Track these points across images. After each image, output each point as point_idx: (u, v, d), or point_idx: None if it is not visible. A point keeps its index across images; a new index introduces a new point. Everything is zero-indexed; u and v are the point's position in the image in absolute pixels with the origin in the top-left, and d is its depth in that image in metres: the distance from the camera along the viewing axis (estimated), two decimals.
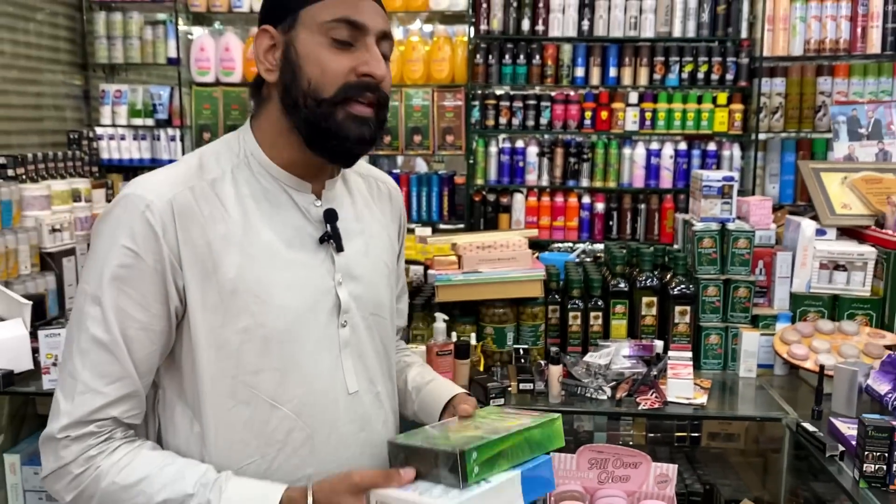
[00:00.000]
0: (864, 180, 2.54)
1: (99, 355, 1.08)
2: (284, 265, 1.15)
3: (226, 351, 1.12)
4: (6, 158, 3.17)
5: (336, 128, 1.13)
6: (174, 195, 1.10)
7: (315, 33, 1.12)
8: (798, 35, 3.52)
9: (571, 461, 1.99)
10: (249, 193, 1.16)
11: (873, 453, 1.59)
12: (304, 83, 1.12)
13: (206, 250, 1.11)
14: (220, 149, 1.19)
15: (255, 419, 1.14)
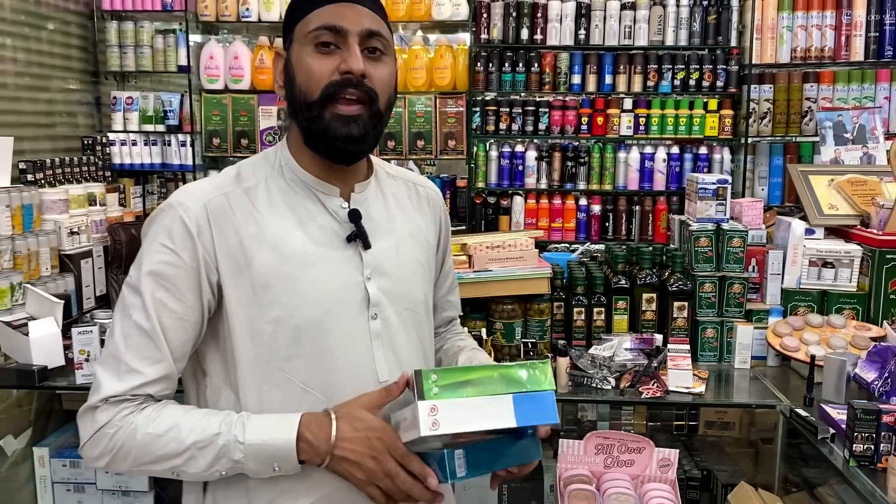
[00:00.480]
0: (850, 182, 2.69)
1: (140, 340, 1.19)
2: (313, 261, 1.25)
3: (260, 339, 1.22)
4: (26, 164, 3.27)
5: (325, 128, 1.22)
6: (208, 200, 1.23)
7: (303, 44, 1.23)
8: (785, 43, 3.67)
9: (579, 447, 2.12)
10: (282, 198, 1.27)
11: (862, 434, 1.73)
12: (297, 91, 1.24)
13: (239, 249, 1.22)
14: (258, 161, 1.33)
15: (289, 402, 1.23)
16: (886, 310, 2.41)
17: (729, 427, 2.66)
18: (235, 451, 1.16)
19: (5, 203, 2.93)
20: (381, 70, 1.25)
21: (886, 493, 1.59)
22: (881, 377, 2.01)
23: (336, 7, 1.22)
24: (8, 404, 2.53)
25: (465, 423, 1.13)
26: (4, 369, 2.28)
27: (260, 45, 3.83)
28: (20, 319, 2.41)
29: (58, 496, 2.56)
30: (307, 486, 1.23)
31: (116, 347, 1.19)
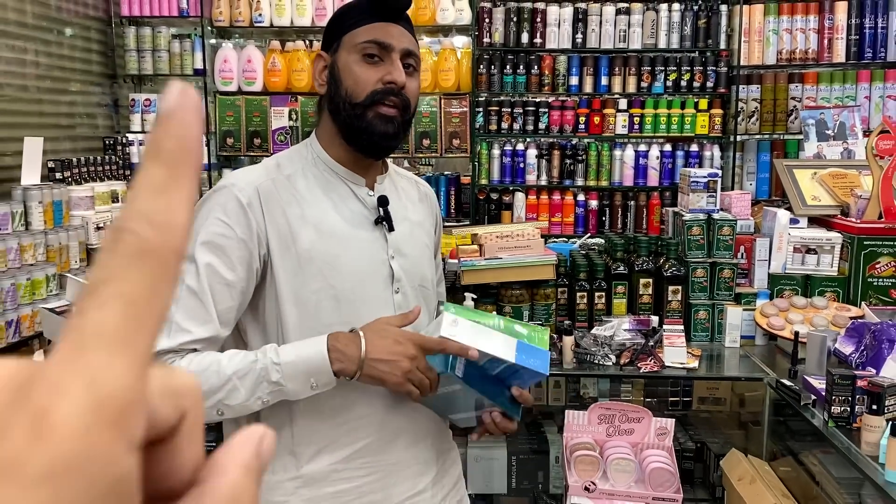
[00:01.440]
0: (831, 175, 2.89)
1: (190, 301, 1.28)
2: (348, 240, 1.39)
3: (306, 308, 1.35)
4: (54, 163, 3.44)
5: (366, 125, 1.37)
6: (260, 183, 1.35)
7: (351, 52, 1.38)
8: (771, 46, 3.88)
9: (584, 417, 2.31)
10: (318, 185, 1.42)
11: (839, 398, 1.92)
12: (343, 92, 1.38)
13: (286, 227, 1.34)
14: (293, 154, 1.46)
15: None
16: (865, 292, 2.61)
17: (721, 402, 2.86)
18: (273, 372, 1.24)
19: (38, 199, 3.11)
20: (413, 84, 1.43)
21: (860, 447, 1.79)
22: (857, 350, 2.21)
23: (384, 25, 1.38)
24: None
25: (476, 342, 1.33)
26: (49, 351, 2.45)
27: (272, 48, 4.01)
28: (61, 306, 2.58)
29: None
30: (349, 437, 1.39)
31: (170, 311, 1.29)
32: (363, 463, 1.39)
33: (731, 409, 2.88)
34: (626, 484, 2.21)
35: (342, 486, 1.38)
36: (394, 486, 1.42)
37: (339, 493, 1.38)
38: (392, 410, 1.41)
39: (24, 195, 3.09)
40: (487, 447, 2.68)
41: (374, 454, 1.40)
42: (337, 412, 1.37)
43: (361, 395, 1.38)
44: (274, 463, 1.37)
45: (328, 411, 1.37)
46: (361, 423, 1.38)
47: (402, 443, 1.43)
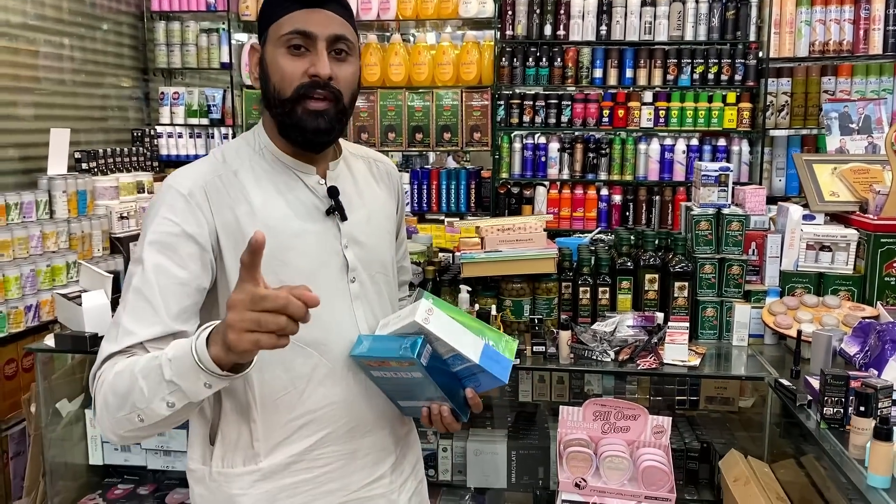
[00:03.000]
0: (852, 170, 2.78)
1: (137, 303, 1.24)
2: (298, 233, 1.37)
3: None
4: (81, 153, 3.55)
5: (297, 121, 1.32)
6: (206, 182, 1.32)
7: (276, 45, 1.32)
8: (803, 37, 3.75)
9: (578, 413, 2.27)
10: (266, 178, 1.37)
11: (832, 398, 1.86)
12: (271, 87, 1.33)
13: (235, 225, 1.32)
14: (240, 144, 1.42)
15: (286, 358, 1.34)
16: (881, 291, 2.51)
17: (729, 402, 2.78)
18: (166, 369, 1.14)
19: (62, 189, 3.21)
20: (345, 70, 1.36)
21: (849, 450, 1.72)
22: (862, 351, 2.13)
23: (307, 12, 1.32)
24: (63, 372, 2.78)
25: (446, 335, 1.34)
26: (61, 335, 2.53)
27: None
28: (74, 292, 2.66)
29: (107, 454, 2.81)
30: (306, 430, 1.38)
31: (119, 316, 1.26)
32: (320, 454, 1.40)
33: (739, 407, 2.81)
34: (618, 482, 2.18)
35: (301, 476, 1.38)
36: (352, 475, 1.43)
37: (298, 484, 1.38)
38: (349, 402, 1.41)
39: (49, 184, 3.20)
40: (487, 442, 2.66)
41: (331, 444, 1.41)
42: (293, 406, 1.37)
43: (317, 388, 1.38)
44: (233, 457, 1.38)
45: (284, 406, 1.36)
46: (317, 416, 1.38)
47: (359, 432, 1.43)
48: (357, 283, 1.44)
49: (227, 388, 1.34)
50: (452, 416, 1.43)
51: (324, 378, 1.38)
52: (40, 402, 2.61)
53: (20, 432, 2.97)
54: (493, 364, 1.37)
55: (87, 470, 2.87)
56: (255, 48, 1.40)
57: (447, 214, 4.15)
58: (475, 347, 1.36)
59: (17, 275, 2.89)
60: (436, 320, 1.35)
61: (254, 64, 1.40)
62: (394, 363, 1.33)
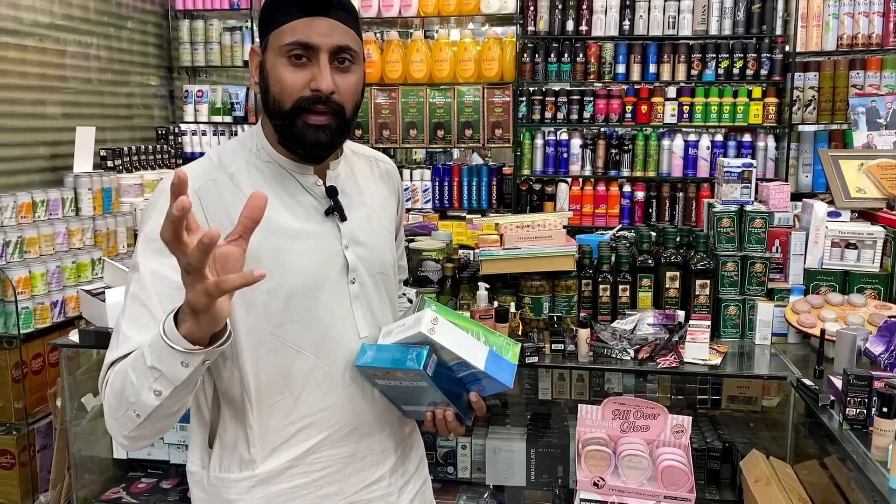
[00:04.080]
0: (880, 166, 2.73)
1: (135, 310, 1.23)
2: (297, 235, 1.34)
3: (255, 309, 1.30)
4: (106, 151, 3.59)
5: (297, 135, 1.30)
6: (199, 186, 1.29)
7: (277, 54, 1.28)
8: (831, 31, 3.69)
9: (597, 412, 2.26)
10: (263, 180, 1.34)
11: (854, 399, 1.83)
12: (271, 98, 1.30)
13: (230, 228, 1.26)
14: (237, 146, 1.38)
15: (283, 362, 1.33)
16: None
17: (752, 402, 2.75)
18: (147, 356, 1.12)
19: (87, 186, 3.25)
20: (348, 80, 1.33)
21: (871, 451, 1.69)
22: (888, 350, 2.09)
23: (308, 21, 1.28)
24: (88, 367, 2.82)
25: (451, 344, 1.34)
26: (85, 331, 2.57)
27: None
28: (98, 288, 2.69)
29: None
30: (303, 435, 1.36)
31: (118, 322, 1.25)
32: (317, 458, 1.38)
33: (763, 407, 2.77)
34: (637, 481, 2.16)
35: (298, 481, 1.37)
36: (349, 478, 1.42)
37: (295, 489, 1.37)
38: (347, 404, 1.40)
39: (74, 182, 3.25)
40: (506, 439, 2.66)
41: (328, 448, 1.39)
42: (290, 410, 1.36)
43: (314, 392, 1.37)
44: (230, 462, 1.37)
45: (280, 410, 1.35)
46: (314, 420, 1.37)
47: (356, 435, 1.42)
48: (357, 283, 1.42)
49: (225, 392, 1.34)
50: (456, 419, 1.42)
51: (321, 381, 1.37)
52: (66, 397, 2.65)
53: (47, 426, 3.02)
54: (498, 370, 1.37)
55: (112, 464, 2.92)
56: (256, 51, 1.36)
57: (469, 211, 4.14)
58: (480, 354, 1.36)
59: (42, 271, 2.94)
60: (441, 330, 1.35)
61: (254, 67, 1.37)
62: (399, 373, 1.33)
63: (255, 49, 1.37)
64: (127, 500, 2.80)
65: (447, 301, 2.62)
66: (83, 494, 2.75)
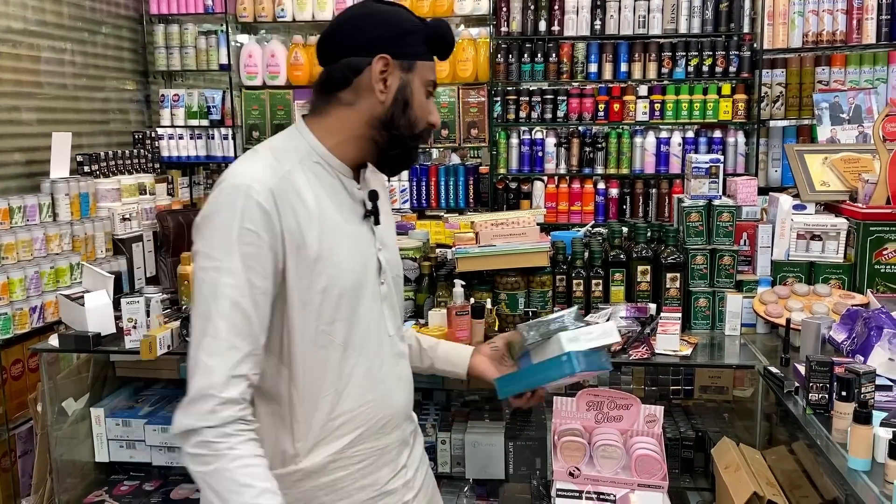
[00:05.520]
0: (843, 160, 2.81)
1: (237, 318, 1.27)
2: (346, 236, 1.40)
3: (310, 308, 1.35)
4: (82, 157, 3.60)
5: (410, 153, 1.47)
6: (273, 184, 1.31)
7: (420, 84, 1.42)
8: (797, 28, 3.77)
9: (572, 403, 2.31)
10: (316, 181, 1.39)
11: (817, 385, 1.89)
12: (409, 118, 1.41)
13: (296, 228, 1.32)
14: (286, 144, 1.41)
15: (331, 359, 1.39)
16: (871, 279, 2.53)
17: (723, 392, 2.81)
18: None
19: (64, 192, 3.26)
20: None
21: (832, 434, 1.76)
22: (850, 338, 2.16)
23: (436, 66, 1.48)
24: (69, 371, 2.83)
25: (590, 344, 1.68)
26: (64, 335, 2.58)
27: (295, 43, 4.09)
28: (77, 293, 2.71)
29: (112, 451, 2.86)
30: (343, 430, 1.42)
31: (216, 329, 1.27)
32: (356, 451, 1.44)
33: (734, 396, 2.84)
34: (612, 470, 2.21)
35: (338, 474, 1.43)
36: (381, 469, 1.49)
37: (334, 482, 1.43)
38: (382, 400, 1.47)
39: (51, 187, 3.25)
40: (485, 433, 2.70)
41: (365, 442, 1.46)
42: (333, 407, 1.41)
43: (355, 388, 1.43)
44: (272, 458, 1.38)
45: (325, 407, 1.41)
46: (355, 415, 1.44)
47: (388, 428, 1.49)
48: (385, 285, 1.50)
49: (266, 390, 1.39)
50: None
51: (362, 378, 1.44)
52: (46, 402, 2.66)
53: (27, 431, 3.02)
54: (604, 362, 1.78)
55: (94, 467, 2.93)
56: (392, 64, 1.39)
57: (447, 210, 4.18)
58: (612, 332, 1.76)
59: (21, 277, 2.95)
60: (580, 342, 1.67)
61: (378, 72, 1.39)
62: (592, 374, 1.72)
63: (388, 60, 1.39)
64: (109, 502, 2.81)
65: (424, 299, 2.66)
66: (65, 498, 2.76)
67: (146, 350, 2.43)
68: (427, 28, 1.42)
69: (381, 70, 1.38)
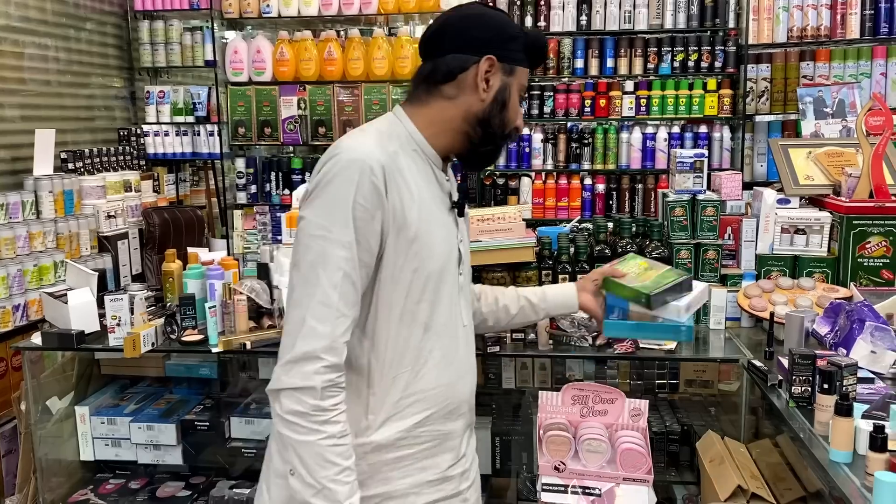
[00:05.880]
0: (827, 154, 2.82)
1: (347, 287, 1.35)
2: (438, 221, 1.48)
3: (401, 286, 1.43)
4: (67, 154, 3.57)
5: (497, 151, 1.56)
6: (384, 161, 1.38)
7: (516, 88, 1.51)
8: (781, 23, 3.78)
9: (557, 398, 2.32)
10: (415, 167, 1.47)
11: (799, 377, 1.90)
12: (503, 118, 1.50)
13: (399, 207, 1.40)
14: (387, 127, 1.48)
15: (412, 338, 1.46)
16: (855, 272, 2.55)
17: (709, 385, 2.83)
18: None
19: (48, 189, 3.24)
20: None
21: (815, 427, 1.77)
22: (832, 330, 2.17)
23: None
24: (53, 370, 2.81)
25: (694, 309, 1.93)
26: (48, 333, 2.57)
27: (280, 39, 4.07)
28: (61, 290, 2.69)
29: (97, 449, 2.85)
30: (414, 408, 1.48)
31: (328, 297, 1.34)
32: (423, 431, 1.49)
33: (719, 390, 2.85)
34: (597, 464, 2.22)
35: (404, 452, 1.48)
36: (442, 454, 1.54)
37: (400, 459, 1.48)
38: (452, 386, 1.52)
39: (35, 185, 3.23)
40: None
41: (431, 424, 1.50)
42: (408, 385, 1.47)
43: (432, 370, 1.49)
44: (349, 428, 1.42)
45: (401, 383, 1.46)
46: (426, 396, 1.49)
47: (454, 415, 1.55)
48: (462, 275, 1.57)
49: (348, 362, 1.42)
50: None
51: (438, 361, 1.49)
52: (30, 401, 2.65)
53: (11, 430, 3.00)
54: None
55: (80, 466, 2.91)
56: (494, 63, 1.47)
57: None
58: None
59: (3, 275, 2.92)
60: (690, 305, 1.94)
61: (483, 72, 1.47)
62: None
63: (494, 62, 1.47)
64: (95, 501, 2.80)
65: None
66: (50, 498, 2.75)
67: (130, 347, 2.42)
68: (527, 37, 1.51)
69: (486, 70, 1.46)
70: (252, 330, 2.50)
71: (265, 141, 4.14)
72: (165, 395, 3.01)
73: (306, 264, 1.36)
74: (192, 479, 2.91)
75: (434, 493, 1.52)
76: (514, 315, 1.89)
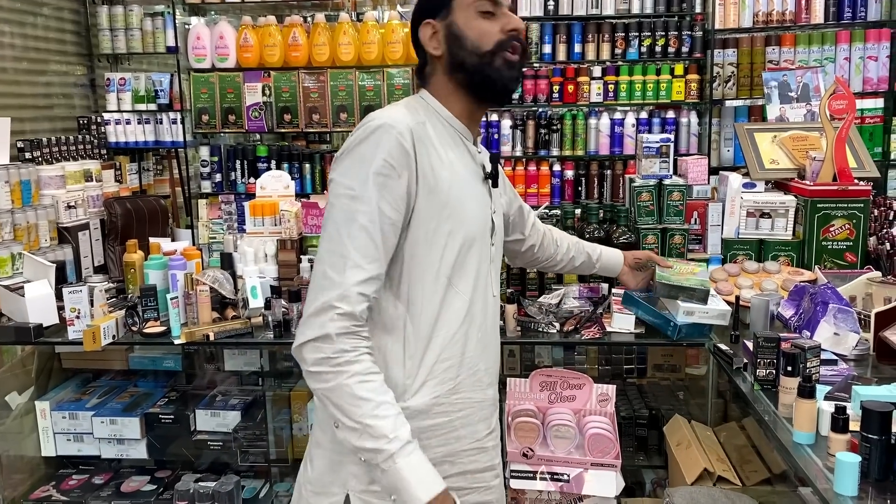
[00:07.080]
0: (791, 138, 2.84)
1: (365, 240, 1.36)
2: (469, 189, 1.50)
3: (436, 248, 1.45)
4: (23, 143, 3.47)
5: (495, 72, 1.48)
6: (413, 126, 1.41)
7: (466, 11, 1.48)
8: (747, 8, 3.79)
9: (525, 384, 2.31)
10: (446, 134, 1.50)
11: (764, 360, 1.91)
12: (468, 45, 1.47)
13: (429, 170, 1.42)
14: (413, 104, 1.52)
15: (445, 302, 1.47)
16: (819, 255, 2.57)
17: (676, 370, 2.84)
18: (383, 460, 1.32)
19: (4, 179, 3.14)
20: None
21: (779, 409, 1.77)
22: (797, 313, 2.18)
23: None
24: (12, 364, 2.75)
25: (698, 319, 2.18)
26: (4, 327, 2.50)
27: (244, 24, 3.99)
28: (18, 283, 2.62)
29: (59, 445, 2.79)
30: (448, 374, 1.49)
31: (345, 248, 1.36)
32: (457, 399, 1.51)
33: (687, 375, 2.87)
34: (565, 450, 2.21)
35: (440, 419, 1.49)
36: (477, 423, 1.56)
37: (437, 426, 1.49)
38: (483, 353, 1.56)
39: None
40: None
41: (465, 391, 1.52)
42: (442, 349, 1.48)
43: (463, 336, 1.50)
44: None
45: (435, 347, 1.48)
46: (460, 361, 1.51)
47: (483, 383, 1.57)
48: (495, 246, 1.59)
49: (384, 324, 1.46)
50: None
51: (469, 327, 1.51)
52: None
53: None
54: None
55: (41, 462, 2.86)
56: (432, 24, 1.51)
57: None
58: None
59: None
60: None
61: (429, 37, 1.51)
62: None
63: (430, 22, 1.52)
64: (57, 497, 2.74)
65: None
66: (11, 495, 2.69)
67: (89, 340, 2.36)
68: None
69: (430, 35, 1.51)
70: (216, 321, 2.46)
71: (230, 128, 4.06)
72: (129, 388, 2.96)
73: (332, 223, 1.39)
74: (157, 472, 2.86)
75: (469, 464, 1.55)
76: (577, 266, 2.17)
